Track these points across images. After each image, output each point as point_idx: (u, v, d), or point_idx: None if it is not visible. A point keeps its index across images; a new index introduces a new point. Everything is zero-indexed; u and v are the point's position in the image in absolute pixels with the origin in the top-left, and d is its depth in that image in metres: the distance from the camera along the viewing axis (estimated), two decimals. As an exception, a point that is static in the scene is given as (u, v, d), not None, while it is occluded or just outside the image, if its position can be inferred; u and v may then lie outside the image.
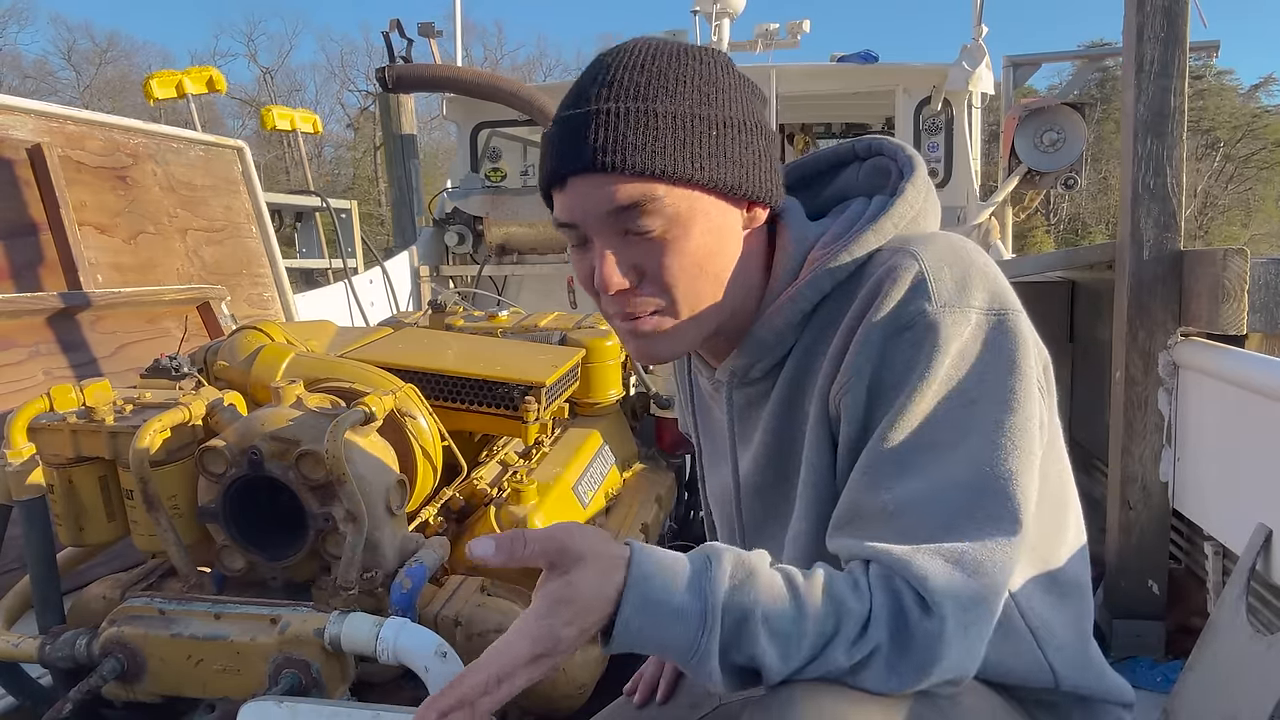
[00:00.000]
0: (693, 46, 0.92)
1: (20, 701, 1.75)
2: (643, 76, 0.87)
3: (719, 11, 7.09)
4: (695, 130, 0.86)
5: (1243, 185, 31.38)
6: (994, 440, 0.80)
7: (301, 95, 35.52)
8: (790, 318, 0.93)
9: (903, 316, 0.83)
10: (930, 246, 0.87)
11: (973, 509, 0.79)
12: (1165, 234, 2.17)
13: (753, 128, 0.91)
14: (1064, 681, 0.94)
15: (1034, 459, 0.82)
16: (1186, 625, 2.21)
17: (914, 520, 0.80)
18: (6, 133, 2.74)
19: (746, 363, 0.97)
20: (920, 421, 0.81)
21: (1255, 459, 1.88)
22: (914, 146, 4.92)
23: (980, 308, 0.84)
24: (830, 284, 0.91)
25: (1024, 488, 0.80)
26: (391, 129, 6.97)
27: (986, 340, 0.83)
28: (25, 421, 1.65)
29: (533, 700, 1.63)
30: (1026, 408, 0.82)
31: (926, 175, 0.98)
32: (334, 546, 1.63)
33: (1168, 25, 2.14)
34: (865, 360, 0.84)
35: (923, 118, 5.61)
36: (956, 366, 0.82)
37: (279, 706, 1.25)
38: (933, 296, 0.83)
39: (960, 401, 0.81)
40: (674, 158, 0.85)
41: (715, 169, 0.87)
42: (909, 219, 0.94)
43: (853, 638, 0.77)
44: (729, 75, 0.92)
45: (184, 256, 3.27)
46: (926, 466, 0.81)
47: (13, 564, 1.93)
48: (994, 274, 0.88)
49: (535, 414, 2.00)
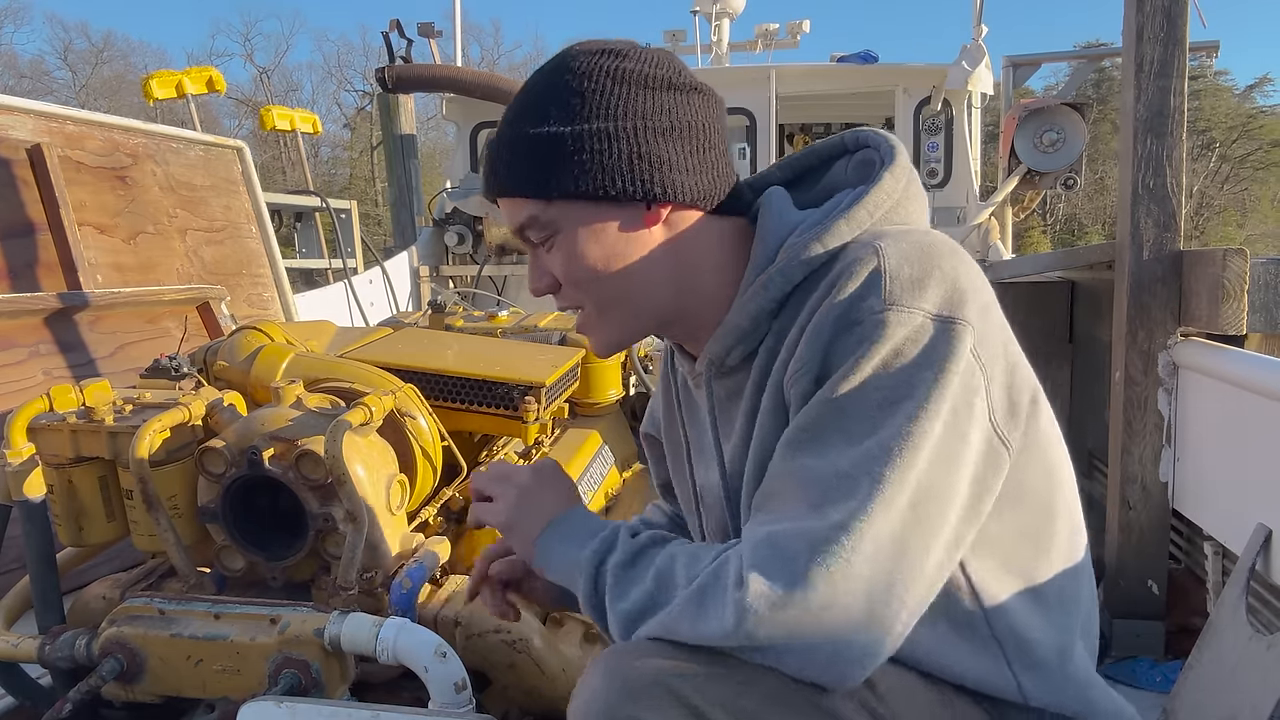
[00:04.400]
0: (595, 54, 0.94)
1: (20, 701, 1.75)
2: (522, 99, 0.95)
3: (719, 11, 7.10)
4: (556, 148, 0.91)
5: (1238, 185, 31.42)
6: (896, 442, 0.80)
7: (298, 95, 35.56)
8: (762, 304, 0.93)
9: (852, 312, 0.84)
10: (898, 243, 0.87)
11: (846, 496, 0.79)
12: (1165, 234, 2.17)
13: (643, 131, 0.92)
14: (1032, 699, 0.93)
15: (942, 466, 0.81)
16: (1186, 625, 2.21)
17: (792, 497, 0.82)
18: (6, 133, 2.73)
19: (720, 349, 0.98)
20: (839, 409, 0.83)
21: (1255, 459, 1.89)
22: (914, 147, 4.91)
23: (928, 311, 0.83)
24: (802, 273, 0.91)
25: (914, 490, 0.80)
26: (391, 129, 6.96)
27: (924, 345, 0.82)
28: (25, 421, 1.65)
29: (532, 700, 1.63)
30: (942, 417, 0.81)
31: (908, 164, 0.97)
32: (334, 546, 1.63)
33: (1167, 25, 2.14)
34: (814, 352, 0.85)
35: (922, 118, 5.62)
36: (887, 365, 0.82)
37: (279, 706, 1.25)
38: (884, 294, 0.83)
39: (881, 400, 0.82)
40: (533, 178, 0.92)
41: (578, 181, 0.91)
42: (886, 207, 0.93)
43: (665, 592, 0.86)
44: (619, 84, 0.92)
45: (184, 256, 3.27)
46: (828, 449, 0.82)
47: (13, 564, 1.93)
48: (960, 278, 0.86)
49: (535, 414, 2.00)
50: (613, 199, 0.93)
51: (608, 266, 0.95)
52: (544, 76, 0.95)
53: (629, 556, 0.91)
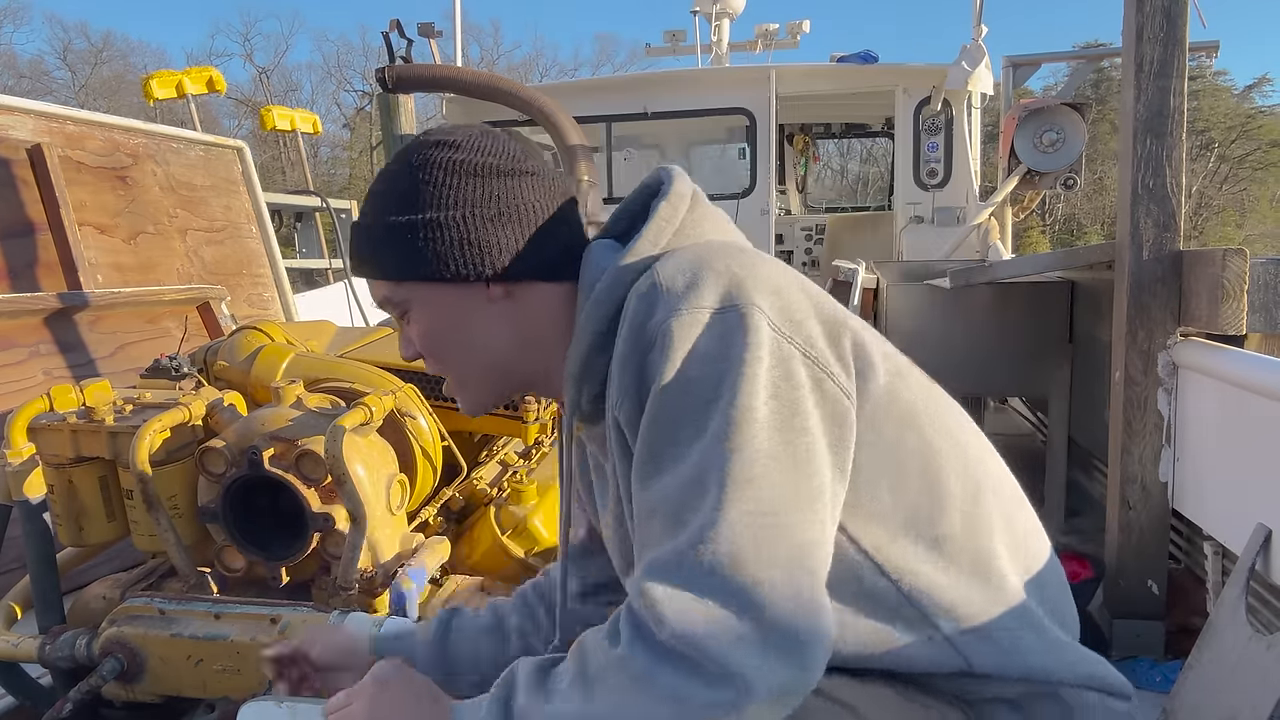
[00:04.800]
0: (432, 146, 1.01)
1: (20, 701, 1.75)
2: (375, 188, 1.04)
3: (719, 11, 7.10)
4: (398, 236, 1.00)
5: (1237, 186, 31.42)
6: (727, 431, 0.83)
7: (297, 95, 35.50)
8: (582, 349, 0.99)
9: (646, 332, 0.89)
10: (670, 259, 0.93)
11: (699, 501, 0.83)
12: (1165, 234, 2.17)
13: (473, 218, 0.99)
14: (978, 663, 0.95)
15: (779, 436, 0.84)
16: (1186, 625, 2.21)
17: (658, 523, 0.86)
18: (6, 133, 2.73)
19: (570, 400, 1.03)
20: (664, 424, 0.87)
21: (1255, 459, 1.89)
22: (914, 147, 4.90)
23: (712, 306, 0.88)
24: (604, 312, 0.97)
25: (749, 474, 0.82)
26: (391, 129, 6.95)
27: (718, 337, 0.87)
28: (25, 421, 1.65)
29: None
30: (761, 395, 0.84)
31: (686, 190, 1.04)
32: (334, 546, 1.63)
33: (1167, 25, 2.14)
34: (628, 381, 0.91)
35: (922, 118, 5.62)
36: (691, 367, 0.86)
37: (279, 706, 1.25)
38: (667, 306, 0.89)
39: (697, 401, 0.85)
40: (382, 263, 1.02)
41: (418, 267, 1.00)
42: (669, 234, 0.99)
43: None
44: (450, 175, 1.00)
45: (184, 256, 3.27)
46: (667, 466, 0.86)
47: (13, 564, 1.93)
48: (737, 270, 0.90)
49: (535, 414, 2.00)
50: (450, 280, 1.01)
51: (457, 341, 1.05)
52: (392, 167, 1.04)
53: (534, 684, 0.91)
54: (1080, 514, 3.25)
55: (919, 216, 5.70)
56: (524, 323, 1.05)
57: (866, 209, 11.42)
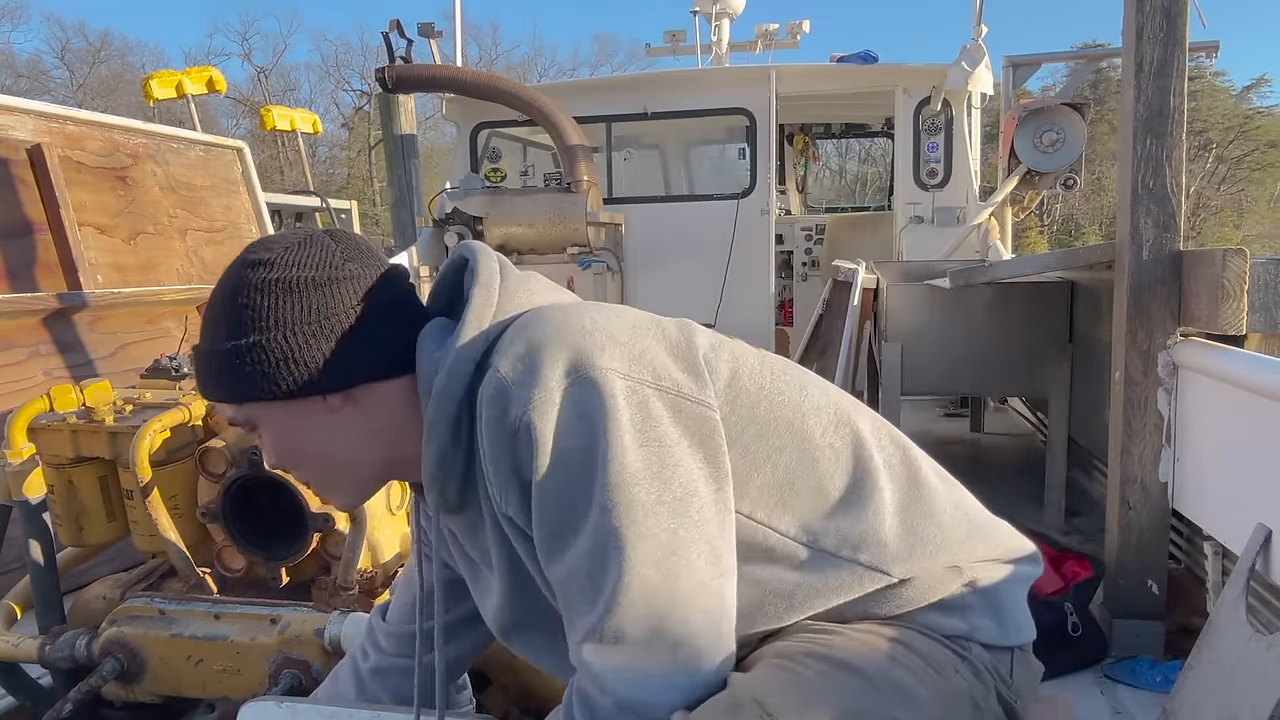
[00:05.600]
0: (246, 267, 1.00)
1: (20, 701, 1.75)
2: (205, 314, 1.05)
3: (719, 12, 7.10)
4: (227, 361, 1.00)
5: (1235, 186, 31.40)
6: (608, 495, 0.89)
7: (295, 95, 35.43)
8: (438, 447, 0.98)
9: (506, 429, 0.91)
10: (506, 348, 0.94)
11: (603, 569, 0.89)
12: (1164, 234, 2.17)
13: (294, 336, 0.99)
14: (894, 568, 1.02)
15: (656, 480, 0.90)
16: (1186, 625, 2.21)
17: (574, 591, 0.92)
18: (7, 133, 2.73)
19: (432, 497, 1.02)
20: (553, 505, 0.91)
21: (1255, 459, 1.89)
22: (913, 147, 4.89)
23: (560, 384, 0.91)
24: (449, 411, 0.97)
25: (641, 530, 0.89)
26: (391, 129, 6.95)
27: (574, 408, 0.90)
28: (25, 421, 1.65)
29: (531, 700, 1.63)
30: (628, 449, 0.89)
31: (492, 265, 1.04)
32: (334, 546, 1.63)
33: (1167, 25, 2.14)
34: (505, 477, 0.93)
35: (922, 118, 5.61)
36: (561, 444, 0.90)
37: (279, 706, 1.25)
38: (520, 399, 0.91)
39: (574, 475, 0.90)
40: (218, 387, 1.03)
41: (251, 389, 1.00)
42: (490, 314, 1.00)
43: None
44: (266, 296, 0.99)
45: (184, 256, 3.27)
46: (570, 542, 0.91)
47: (13, 564, 1.93)
48: (569, 336, 0.93)
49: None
50: (286, 398, 1.00)
51: (307, 451, 1.05)
52: (217, 292, 1.04)
53: None
54: (1080, 514, 3.25)
55: (919, 216, 5.70)
56: (372, 422, 1.04)
57: (866, 209, 11.42)
